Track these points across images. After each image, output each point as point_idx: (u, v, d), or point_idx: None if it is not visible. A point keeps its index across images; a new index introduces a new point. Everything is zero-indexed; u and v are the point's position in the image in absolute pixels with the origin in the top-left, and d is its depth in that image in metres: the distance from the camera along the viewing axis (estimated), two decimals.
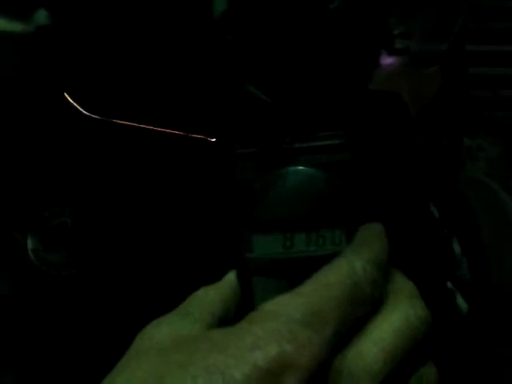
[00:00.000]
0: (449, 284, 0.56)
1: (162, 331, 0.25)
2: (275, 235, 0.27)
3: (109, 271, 0.41)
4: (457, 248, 0.62)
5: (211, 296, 0.28)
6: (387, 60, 0.46)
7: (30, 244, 0.41)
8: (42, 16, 0.32)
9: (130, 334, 0.26)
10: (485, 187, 0.72)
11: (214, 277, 0.29)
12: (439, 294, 0.53)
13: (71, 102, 0.38)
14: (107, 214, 0.41)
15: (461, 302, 0.53)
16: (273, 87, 0.33)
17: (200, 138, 0.37)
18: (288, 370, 0.22)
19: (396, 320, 0.25)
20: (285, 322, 0.23)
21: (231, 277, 0.29)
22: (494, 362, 0.59)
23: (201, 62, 0.35)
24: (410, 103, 0.48)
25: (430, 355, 0.26)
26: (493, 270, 0.64)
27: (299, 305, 0.23)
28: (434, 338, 0.26)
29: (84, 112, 0.38)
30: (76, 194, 0.41)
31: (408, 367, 0.24)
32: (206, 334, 0.25)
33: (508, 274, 0.66)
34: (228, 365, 0.21)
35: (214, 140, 0.36)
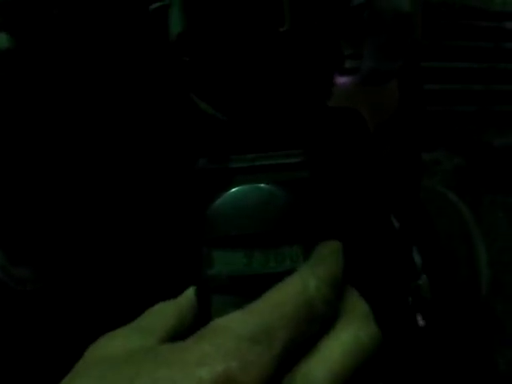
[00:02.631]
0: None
1: (113, 344, 0.26)
2: (235, 251, 0.27)
3: (73, 285, 0.41)
4: (417, 258, 0.63)
5: (167, 311, 0.28)
6: (340, 79, 0.47)
7: None
8: (3, 40, 0.33)
9: (84, 347, 0.26)
10: (443, 198, 0.74)
11: (175, 293, 0.29)
12: (399, 305, 0.54)
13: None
14: (73, 229, 0.41)
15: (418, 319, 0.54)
16: (228, 106, 0.34)
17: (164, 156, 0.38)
18: None
19: (346, 340, 0.25)
20: (233, 338, 0.23)
21: (190, 293, 0.29)
22: (455, 368, 0.61)
23: (156, 82, 0.36)
24: (369, 118, 0.49)
25: (380, 377, 0.26)
26: (452, 276, 0.66)
27: (249, 322, 0.23)
28: (386, 357, 0.26)
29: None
30: (42, 209, 0.41)
31: None
32: (156, 348, 0.25)
33: (466, 282, 0.68)
34: (175, 379, 0.22)
35: (173, 156, 0.37)
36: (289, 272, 0.26)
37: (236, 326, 0.23)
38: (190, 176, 0.28)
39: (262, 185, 0.28)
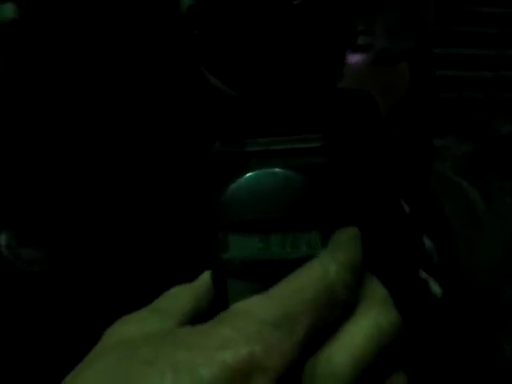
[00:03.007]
0: (422, 273, 0.56)
1: (130, 327, 0.25)
2: (251, 236, 0.27)
3: (83, 267, 0.40)
4: (427, 242, 0.63)
5: (184, 295, 0.28)
6: (353, 58, 0.47)
7: (3, 240, 0.41)
8: (9, 10, 0.32)
9: (99, 331, 0.26)
10: (453, 184, 0.73)
11: (191, 277, 0.29)
12: (412, 290, 0.53)
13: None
14: (83, 211, 0.41)
15: (435, 288, 0.54)
16: (238, 79, 0.33)
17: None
18: (257, 370, 0.21)
19: (367, 325, 0.24)
20: (255, 322, 0.23)
21: (206, 277, 0.28)
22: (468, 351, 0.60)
23: (168, 56, 0.35)
24: (380, 100, 0.48)
25: (401, 363, 0.26)
26: (462, 261, 0.65)
27: (270, 307, 0.23)
28: (406, 344, 0.26)
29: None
30: (50, 192, 0.41)
31: (378, 374, 0.24)
32: (175, 331, 0.24)
33: (476, 264, 0.68)
34: (196, 363, 0.21)
35: (189, 138, 0.36)
36: (305, 258, 0.26)
37: (257, 310, 0.23)
38: (204, 159, 0.28)
39: (278, 169, 0.27)
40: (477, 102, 1.20)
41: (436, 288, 0.53)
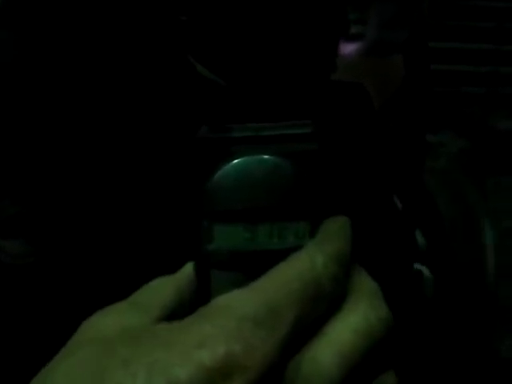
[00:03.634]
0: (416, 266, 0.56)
1: (108, 321, 0.24)
2: (236, 226, 0.26)
3: (67, 259, 0.40)
4: (420, 239, 0.63)
5: (165, 287, 0.27)
6: (346, 49, 0.46)
7: None
8: None
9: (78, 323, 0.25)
10: (448, 179, 0.73)
11: (173, 269, 0.28)
12: (403, 286, 0.53)
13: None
14: (67, 202, 0.40)
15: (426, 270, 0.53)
16: (227, 69, 0.33)
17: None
18: (236, 371, 0.20)
19: (355, 321, 0.23)
20: (236, 318, 0.21)
21: (189, 268, 0.27)
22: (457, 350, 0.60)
23: (154, 44, 0.34)
24: (373, 92, 0.48)
25: (391, 362, 0.25)
26: (456, 261, 0.65)
27: (253, 301, 0.22)
28: (396, 342, 0.25)
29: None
30: (32, 182, 0.41)
31: (366, 373, 0.23)
32: (153, 328, 0.23)
33: (471, 261, 0.67)
34: (172, 363, 0.20)
35: (174, 125, 0.36)
36: (293, 249, 0.25)
37: (238, 305, 0.22)
38: (190, 145, 0.27)
39: (267, 156, 0.26)
40: (475, 97, 1.20)
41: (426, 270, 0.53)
